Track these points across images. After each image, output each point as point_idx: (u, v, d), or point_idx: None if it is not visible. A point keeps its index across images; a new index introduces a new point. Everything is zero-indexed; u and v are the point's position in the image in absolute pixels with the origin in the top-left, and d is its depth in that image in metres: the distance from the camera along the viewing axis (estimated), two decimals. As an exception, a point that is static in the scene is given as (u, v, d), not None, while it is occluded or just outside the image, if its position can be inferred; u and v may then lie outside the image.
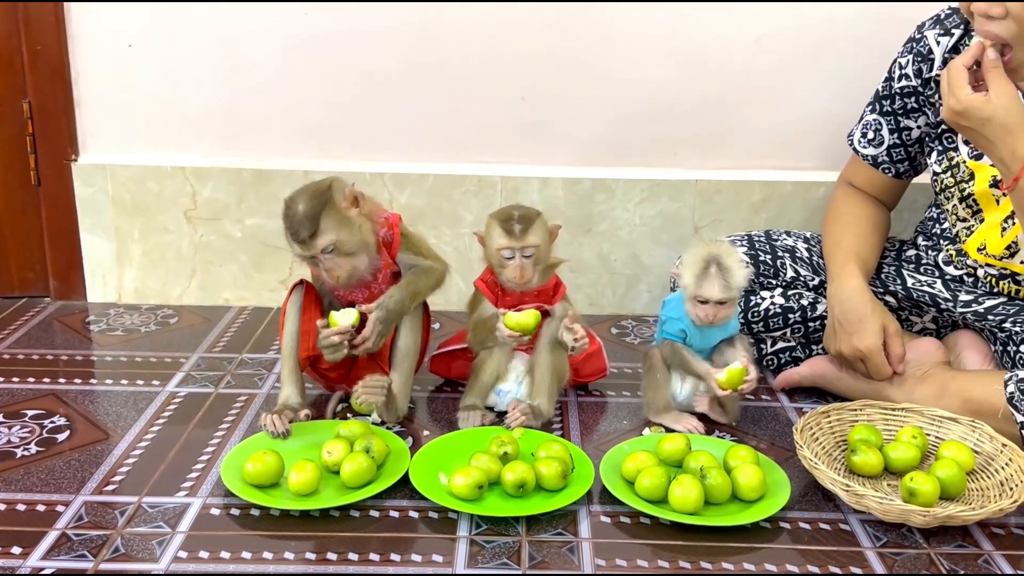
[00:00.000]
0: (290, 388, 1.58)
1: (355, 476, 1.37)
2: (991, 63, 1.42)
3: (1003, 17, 1.42)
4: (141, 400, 1.68)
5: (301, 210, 1.46)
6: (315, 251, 1.48)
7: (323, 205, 1.46)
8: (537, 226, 1.56)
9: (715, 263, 1.53)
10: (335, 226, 1.47)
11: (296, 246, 1.49)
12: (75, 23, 2.01)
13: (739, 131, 2.07)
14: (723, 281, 1.53)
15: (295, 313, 1.59)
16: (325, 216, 1.46)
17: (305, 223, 1.46)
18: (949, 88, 1.43)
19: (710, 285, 1.53)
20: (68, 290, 2.16)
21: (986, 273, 1.65)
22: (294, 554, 1.25)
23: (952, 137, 1.65)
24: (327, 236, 1.47)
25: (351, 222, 1.49)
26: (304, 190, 1.49)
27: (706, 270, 1.53)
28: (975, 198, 1.61)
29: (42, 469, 1.44)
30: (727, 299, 1.54)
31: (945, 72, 1.45)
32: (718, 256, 1.54)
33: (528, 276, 1.56)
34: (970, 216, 1.63)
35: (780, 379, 1.75)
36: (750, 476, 1.37)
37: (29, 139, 2.06)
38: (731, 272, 1.53)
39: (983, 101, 1.40)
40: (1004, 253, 1.60)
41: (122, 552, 1.24)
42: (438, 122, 2.07)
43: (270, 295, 2.14)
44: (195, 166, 2.08)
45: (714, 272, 1.53)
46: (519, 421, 1.55)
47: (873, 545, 1.29)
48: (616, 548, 1.28)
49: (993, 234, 1.60)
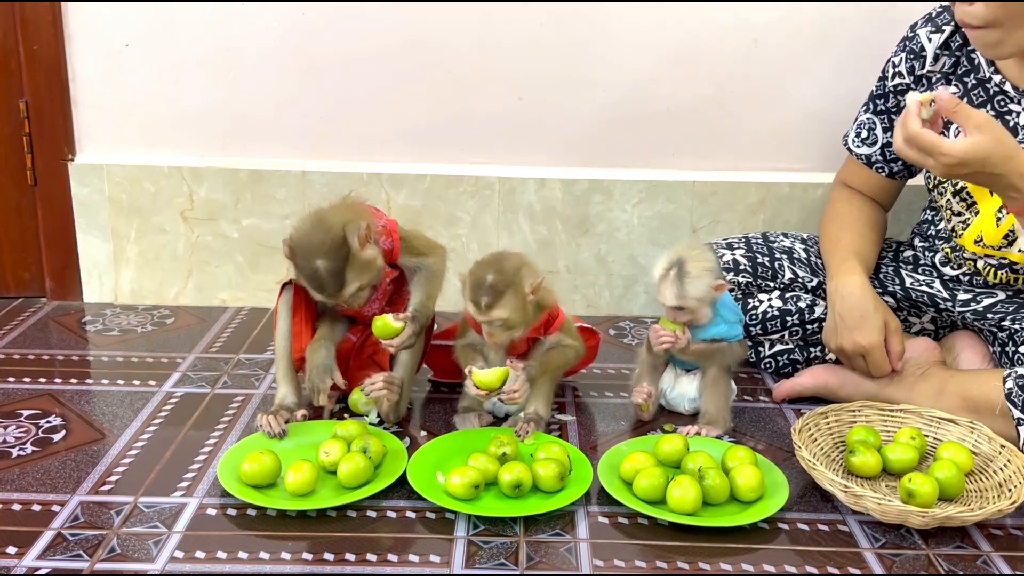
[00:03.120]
0: (286, 388, 1.58)
1: (352, 476, 1.36)
2: (950, 103, 1.32)
3: (972, 2, 1.42)
4: (137, 400, 1.67)
5: (323, 268, 1.42)
6: (341, 300, 1.47)
7: (344, 260, 1.43)
8: (506, 300, 1.45)
9: (676, 267, 1.51)
10: (358, 273, 1.45)
11: (319, 295, 1.48)
12: (72, 23, 2.00)
13: (736, 132, 2.07)
14: (677, 288, 1.51)
15: (286, 313, 1.59)
16: (348, 269, 1.44)
17: (330, 281, 1.43)
18: (930, 152, 1.34)
19: (663, 290, 1.52)
20: (64, 290, 2.16)
21: (986, 264, 1.65)
22: (291, 554, 1.24)
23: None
24: (353, 285, 1.45)
25: (370, 263, 1.47)
26: (318, 242, 1.43)
27: (667, 273, 1.52)
28: (968, 191, 1.62)
29: (38, 469, 1.44)
30: (681, 306, 1.53)
31: (912, 143, 1.35)
32: (683, 261, 1.51)
33: (500, 341, 1.50)
34: (964, 209, 1.63)
35: (780, 390, 1.72)
36: (748, 477, 1.36)
37: (25, 139, 2.06)
38: (689, 279, 1.50)
39: (972, 143, 1.33)
40: (1002, 243, 1.60)
41: (118, 552, 1.24)
42: (435, 123, 2.06)
43: (266, 295, 2.14)
44: (191, 166, 2.07)
45: (672, 277, 1.51)
46: (529, 433, 1.52)
47: (871, 546, 1.29)
48: (614, 549, 1.27)
49: (989, 225, 1.60)
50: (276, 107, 2.06)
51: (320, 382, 1.53)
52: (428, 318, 1.59)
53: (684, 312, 1.54)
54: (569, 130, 2.07)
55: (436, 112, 2.05)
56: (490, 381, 1.48)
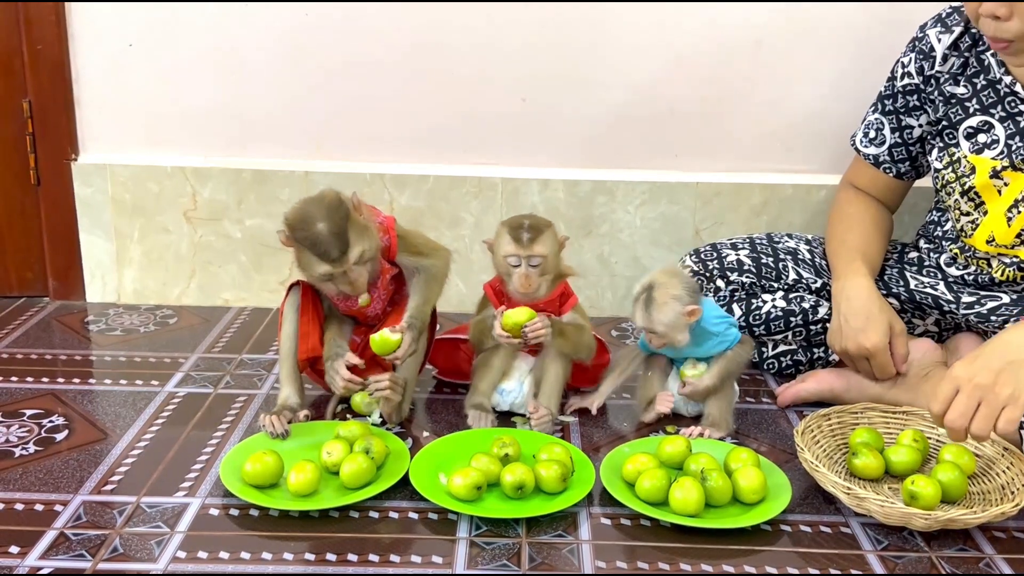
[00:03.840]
0: (289, 389, 1.58)
1: (355, 477, 1.36)
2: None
3: (1008, 18, 1.42)
4: (140, 400, 1.67)
5: (325, 229, 1.41)
6: (347, 266, 1.44)
7: (344, 219, 1.42)
8: (546, 236, 1.55)
9: (647, 292, 1.53)
10: (359, 236, 1.44)
11: (324, 265, 1.43)
12: (75, 23, 2.01)
13: (739, 133, 2.07)
14: (643, 313, 1.53)
15: (293, 315, 1.59)
16: (350, 229, 1.43)
17: (334, 241, 1.41)
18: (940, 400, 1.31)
19: (635, 312, 1.55)
20: (67, 290, 2.16)
21: (999, 263, 1.65)
22: (293, 555, 1.24)
23: (953, 133, 1.65)
24: (357, 248, 1.43)
25: (368, 228, 1.47)
26: (315, 208, 1.43)
27: (639, 296, 1.54)
28: (976, 191, 1.62)
29: (40, 468, 1.44)
30: (650, 330, 1.54)
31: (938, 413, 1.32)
32: (653, 286, 1.53)
33: (533, 285, 1.55)
34: (973, 210, 1.63)
35: (785, 396, 1.71)
36: (751, 478, 1.36)
37: (29, 139, 2.06)
38: (655, 306, 1.52)
39: (967, 362, 1.32)
40: (1015, 241, 1.60)
41: (120, 552, 1.24)
42: (438, 123, 2.06)
43: (270, 296, 2.14)
44: (195, 166, 2.07)
45: (642, 301, 1.53)
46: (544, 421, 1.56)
47: (874, 548, 1.29)
48: (616, 550, 1.27)
49: (999, 224, 1.60)
50: (280, 107, 2.06)
51: (335, 373, 1.53)
52: (425, 323, 1.58)
53: (656, 336, 1.55)
54: (572, 131, 2.07)
55: (439, 113, 2.05)
56: (519, 319, 1.53)
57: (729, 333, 1.61)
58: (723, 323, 1.61)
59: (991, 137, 1.60)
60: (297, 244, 1.45)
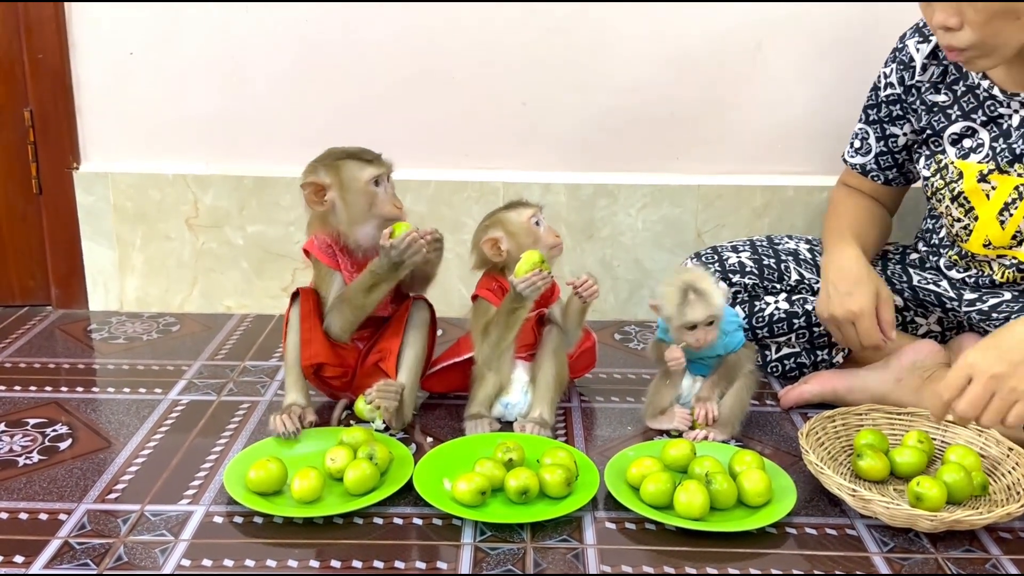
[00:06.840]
0: (295, 394, 1.58)
1: (358, 483, 1.36)
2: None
3: (960, 28, 1.40)
4: (143, 408, 1.67)
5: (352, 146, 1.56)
6: (387, 167, 1.56)
7: None
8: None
9: (691, 289, 1.54)
10: None
11: (370, 168, 1.53)
12: (76, 31, 2.01)
13: (740, 136, 2.07)
14: (705, 303, 1.54)
15: (297, 322, 1.59)
16: None
17: (367, 148, 1.56)
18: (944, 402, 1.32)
19: (693, 310, 1.53)
20: (69, 298, 2.16)
21: (999, 265, 1.65)
22: (297, 562, 1.24)
23: (939, 140, 1.65)
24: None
25: None
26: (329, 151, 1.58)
27: (685, 297, 1.54)
28: (966, 195, 1.62)
29: (44, 477, 1.44)
30: (713, 317, 1.55)
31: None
32: (692, 282, 1.55)
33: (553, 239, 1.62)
34: (964, 215, 1.63)
35: (788, 398, 1.71)
36: (756, 481, 1.36)
37: (30, 147, 2.06)
38: (708, 294, 1.54)
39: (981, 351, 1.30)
40: (1012, 243, 1.60)
41: (125, 560, 1.23)
42: (439, 128, 2.06)
43: (272, 302, 2.14)
44: (196, 174, 2.08)
45: (693, 298, 1.54)
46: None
47: (880, 550, 1.29)
48: (621, 554, 1.27)
49: (993, 228, 1.60)
50: (281, 114, 2.06)
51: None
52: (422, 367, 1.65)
53: (711, 328, 1.55)
54: (573, 134, 2.07)
55: (440, 117, 2.05)
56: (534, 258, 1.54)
57: (736, 335, 1.61)
58: (733, 323, 1.62)
59: (976, 141, 1.60)
60: (332, 167, 1.54)
